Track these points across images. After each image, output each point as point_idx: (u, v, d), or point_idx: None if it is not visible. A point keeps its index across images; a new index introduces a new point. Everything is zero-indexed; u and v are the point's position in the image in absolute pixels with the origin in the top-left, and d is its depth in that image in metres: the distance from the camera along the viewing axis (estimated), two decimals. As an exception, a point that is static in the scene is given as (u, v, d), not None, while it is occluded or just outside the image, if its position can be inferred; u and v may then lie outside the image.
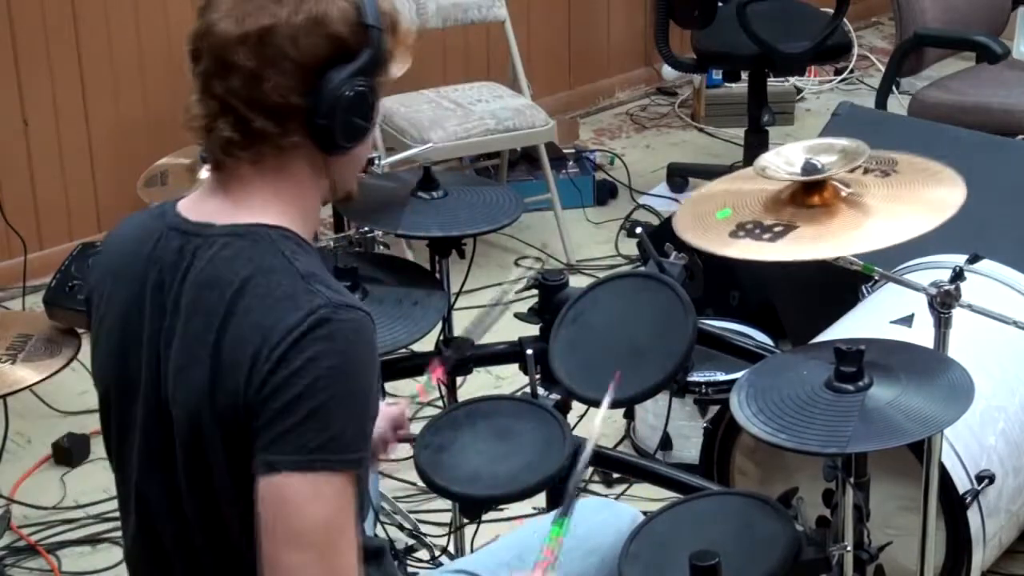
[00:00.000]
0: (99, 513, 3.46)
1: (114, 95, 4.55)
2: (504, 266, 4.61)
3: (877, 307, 3.18)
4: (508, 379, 3.72)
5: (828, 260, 2.41)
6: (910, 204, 2.40)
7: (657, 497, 2.90)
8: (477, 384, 3.67)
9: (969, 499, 2.82)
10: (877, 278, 2.92)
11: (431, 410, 3.70)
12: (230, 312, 1.77)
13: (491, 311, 2.50)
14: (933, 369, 2.31)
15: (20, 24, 4.36)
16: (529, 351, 2.70)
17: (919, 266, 3.13)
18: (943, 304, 2.41)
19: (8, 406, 3.58)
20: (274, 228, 1.82)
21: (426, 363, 2.62)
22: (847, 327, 3.13)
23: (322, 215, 3.55)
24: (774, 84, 5.17)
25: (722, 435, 3.05)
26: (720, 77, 5.53)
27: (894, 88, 4.53)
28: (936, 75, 4.75)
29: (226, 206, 1.84)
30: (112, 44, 4.51)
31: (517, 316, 2.81)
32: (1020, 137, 4.14)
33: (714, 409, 3.25)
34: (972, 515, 2.82)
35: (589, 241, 4.80)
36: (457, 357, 2.64)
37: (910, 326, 2.92)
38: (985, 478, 2.85)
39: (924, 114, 4.27)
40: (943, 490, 2.69)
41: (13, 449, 3.68)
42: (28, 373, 2.89)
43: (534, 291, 2.81)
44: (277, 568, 1.74)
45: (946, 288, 2.41)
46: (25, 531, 3.44)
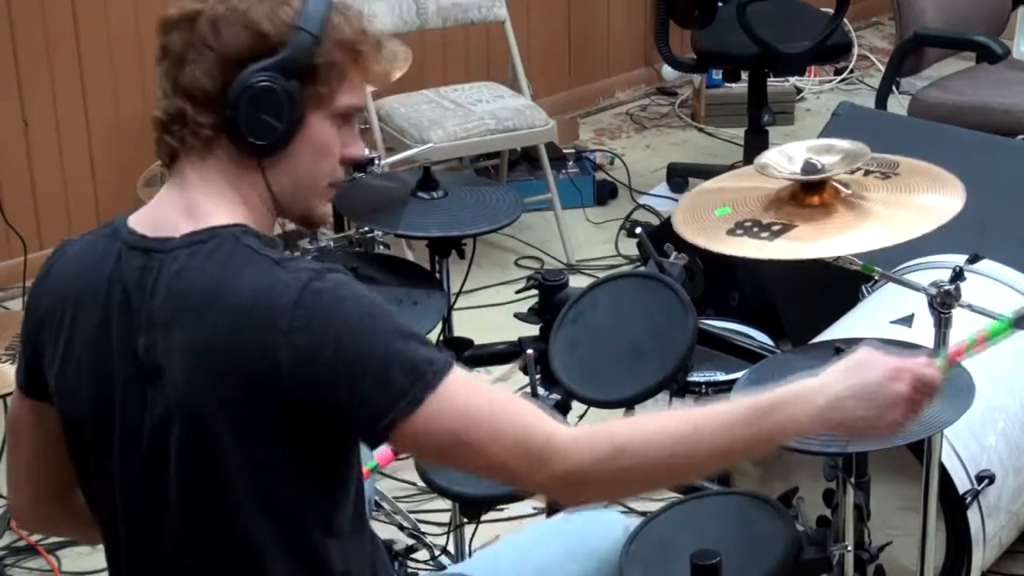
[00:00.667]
0: (99, 513, 3.46)
1: (114, 95, 4.55)
2: (504, 266, 4.61)
3: (877, 307, 3.18)
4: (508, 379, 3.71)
5: (828, 260, 2.41)
6: (908, 208, 2.40)
7: (657, 497, 2.90)
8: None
9: (969, 499, 2.81)
10: (877, 278, 2.92)
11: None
12: (220, 319, 1.75)
13: None
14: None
15: (20, 24, 4.36)
16: (529, 351, 2.70)
17: (919, 266, 3.13)
18: (943, 304, 2.41)
19: (8, 406, 3.57)
20: (233, 227, 1.81)
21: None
22: (847, 327, 3.13)
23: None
24: (774, 84, 5.17)
25: (722, 435, 3.05)
26: (720, 77, 5.53)
27: (894, 88, 4.53)
28: (936, 75, 4.75)
29: (179, 215, 1.83)
30: (112, 44, 4.51)
31: (517, 316, 2.81)
32: (1020, 137, 4.14)
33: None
34: (972, 515, 2.82)
35: (589, 241, 4.80)
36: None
37: (910, 326, 2.92)
38: (985, 478, 2.85)
39: (924, 114, 4.27)
40: (943, 490, 2.69)
41: (13, 449, 3.67)
42: (28, 373, 2.88)
43: (534, 291, 2.81)
44: (492, 471, 1.78)
45: (946, 288, 2.41)
46: (25, 531, 3.44)
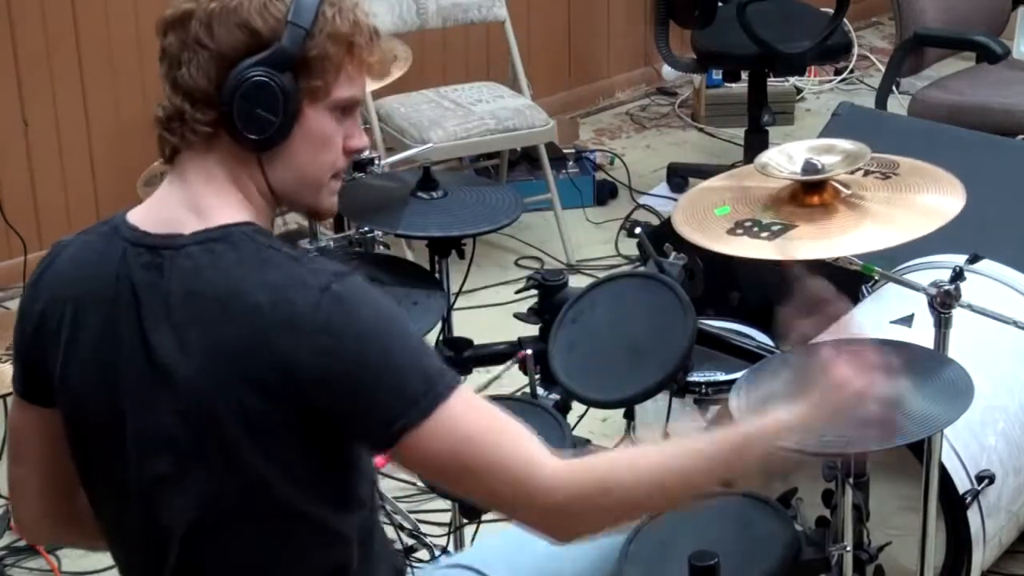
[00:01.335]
0: (99, 513, 3.46)
1: (114, 95, 4.55)
2: (504, 266, 4.61)
3: (877, 307, 3.18)
4: (508, 379, 3.71)
5: (828, 260, 2.41)
6: (908, 208, 2.40)
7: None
8: (477, 384, 3.67)
9: (969, 499, 2.81)
10: (877, 278, 2.92)
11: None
12: (238, 315, 1.75)
13: None
14: (933, 369, 2.31)
15: (20, 24, 4.36)
16: (529, 351, 2.70)
17: (919, 266, 3.13)
18: (943, 304, 2.41)
19: (8, 406, 3.57)
20: (243, 225, 1.82)
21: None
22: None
23: (322, 215, 3.55)
24: (774, 84, 5.17)
25: (722, 435, 3.05)
26: (720, 77, 5.53)
27: (894, 88, 4.53)
28: (936, 75, 4.75)
29: (184, 213, 1.83)
30: (112, 44, 4.51)
31: (517, 316, 2.81)
32: (1020, 137, 4.14)
33: (714, 409, 3.24)
34: (972, 515, 2.82)
35: (589, 241, 4.80)
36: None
37: (910, 326, 2.92)
38: (985, 478, 2.85)
39: (924, 114, 4.27)
40: (943, 490, 2.69)
41: (13, 449, 3.67)
42: (28, 373, 2.88)
43: (534, 291, 2.81)
44: (484, 498, 1.81)
45: (946, 288, 2.41)
46: (31, 542, 3.44)
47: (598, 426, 3.60)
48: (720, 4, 4.62)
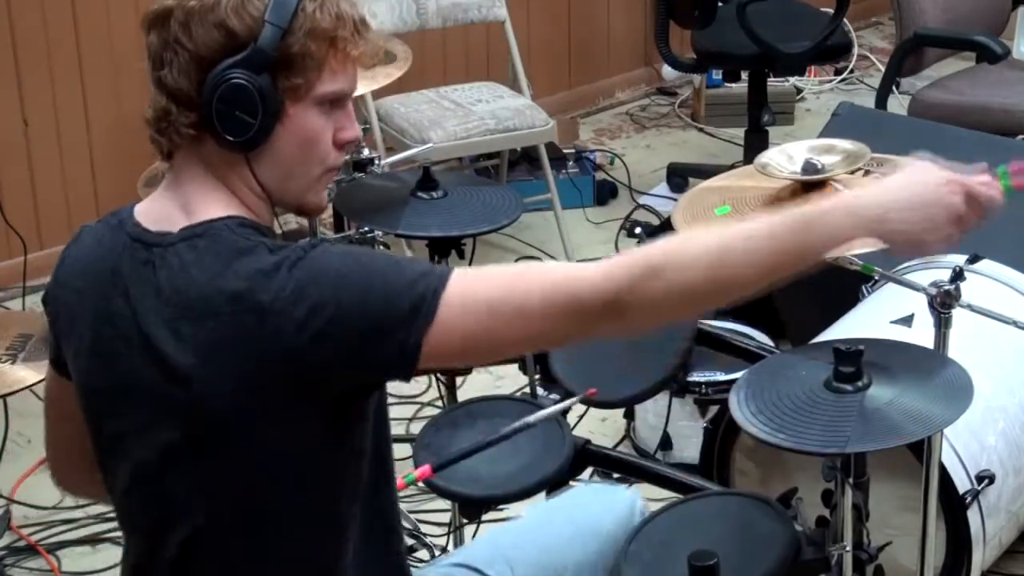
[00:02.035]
0: (99, 513, 3.46)
1: (114, 95, 4.55)
2: (504, 266, 4.61)
3: (877, 307, 3.18)
4: (508, 379, 3.72)
5: (828, 260, 2.40)
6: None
7: (657, 497, 2.89)
8: (477, 384, 3.67)
9: (969, 499, 2.81)
10: (877, 278, 2.92)
11: (431, 410, 3.71)
12: (222, 305, 1.76)
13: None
14: (933, 369, 2.31)
15: (20, 24, 4.36)
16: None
17: (919, 266, 3.13)
18: (943, 304, 2.41)
19: (8, 406, 3.58)
20: (227, 219, 1.82)
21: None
22: (847, 327, 3.13)
23: (322, 214, 3.56)
24: (774, 84, 5.17)
25: (722, 435, 3.05)
26: (720, 77, 5.53)
27: (894, 88, 4.53)
28: (936, 75, 4.75)
29: (176, 209, 1.85)
30: (112, 44, 4.51)
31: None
32: (1020, 137, 4.14)
33: (714, 409, 3.25)
34: (972, 515, 2.82)
35: (589, 241, 4.80)
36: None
37: (910, 326, 2.92)
38: (985, 478, 2.85)
39: (924, 114, 4.27)
40: (943, 490, 2.69)
41: (13, 449, 3.67)
42: (28, 373, 2.88)
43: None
44: (537, 344, 1.86)
45: (946, 288, 2.41)
46: (25, 531, 3.44)
47: (598, 426, 3.60)
48: (720, 4, 4.62)
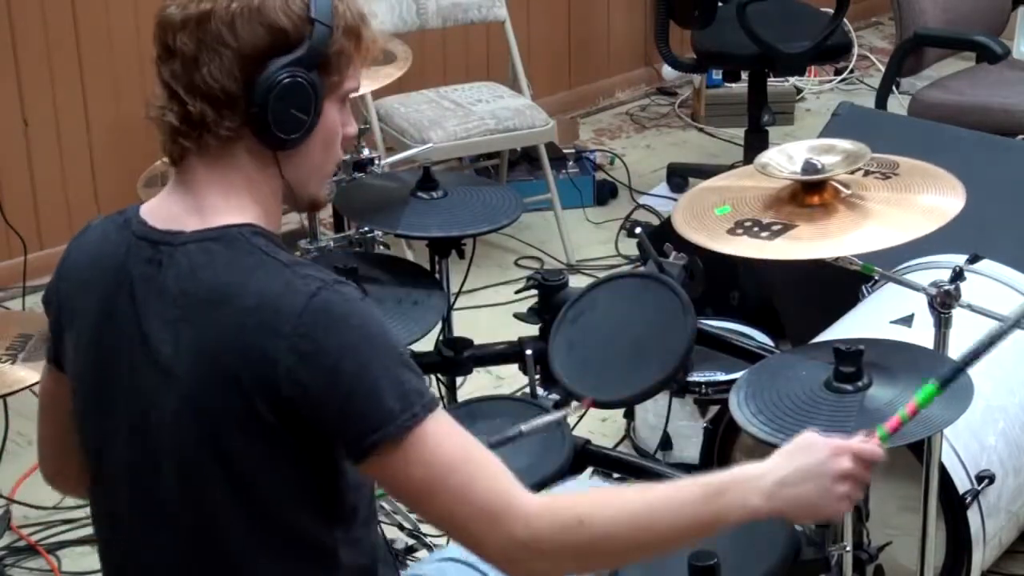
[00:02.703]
0: (99, 513, 3.46)
1: (114, 95, 4.55)
2: (504, 266, 4.61)
3: (877, 307, 3.18)
4: (508, 379, 3.72)
5: (828, 260, 2.41)
6: (908, 208, 2.40)
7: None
8: (477, 384, 3.67)
9: (969, 499, 2.81)
10: (877, 278, 2.92)
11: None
12: (226, 316, 1.75)
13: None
14: (933, 369, 2.31)
15: (20, 24, 4.36)
16: (529, 351, 2.70)
17: (919, 266, 3.13)
18: (943, 304, 2.41)
19: (8, 406, 3.58)
20: (243, 226, 1.81)
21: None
22: (847, 327, 3.13)
23: (322, 215, 3.56)
24: (774, 84, 5.17)
25: (722, 435, 3.05)
26: (720, 77, 5.53)
27: (894, 88, 4.53)
28: (936, 75, 4.75)
29: (189, 209, 1.84)
30: (112, 44, 4.51)
31: (517, 316, 2.81)
32: (1020, 137, 4.14)
33: (714, 409, 3.25)
34: (972, 515, 2.82)
35: (589, 241, 4.80)
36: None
37: (910, 326, 2.92)
38: (985, 478, 2.85)
39: (924, 114, 4.27)
40: (943, 490, 2.69)
41: (13, 449, 3.67)
42: (28, 373, 2.89)
43: (534, 291, 2.81)
44: (453, 525, 1.77)
45: (946, 288, 2.41)
46: (25, 531, 3.44)
47: (598, 426, 3.61)
48: (720, 4, 4.62)
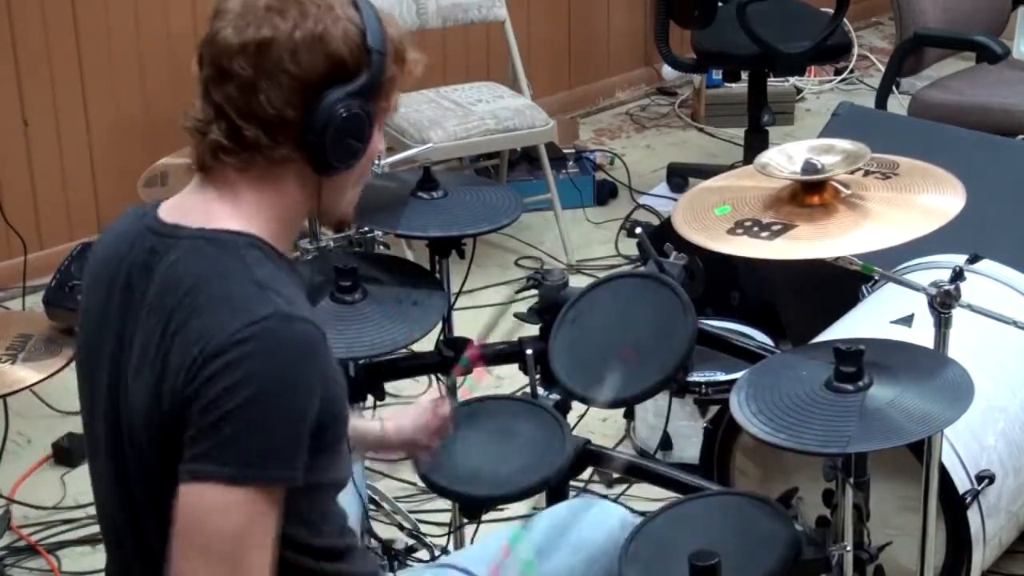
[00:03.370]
0: (99, 513, 3.46)
1: (114, 95, 4.55)
2: (504, 266, 4.62)
3: (877, 307, 3.18)
4: (508, 379, 3.71)
5: (828, 260, 2.41)
6: (908, 208, 2.40)
7: (657, 497, 2.90)
8: (477, 384, 3.66)
9: (969, 499, 2.81)
10: (877, 278, 2.92)
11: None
12: (180, 313, 1.76)
13: None
14: (933, 369, 2.31)
15: (20, 24, 4.36)
16: (529, 351, 2.70)
17: (919, 266, 3.13)
18: (943, 304, 2.41)
19: (8, 406, 3.58)
20: (244, 235, 1.81)
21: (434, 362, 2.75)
22: (847, 327, 3.13)
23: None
24: (774, 84, 5.17)
25: (722, 435, 3.05)
26: (720, 77, 5.53)
27: (894, 88, 4.53)
28: (936, 75, 4.75)
29: (202, 209, 1.84)
30: (112, 44, 4.51)
31: (517, 316, 2.81)
32: (1020, 137, 4.14)
33: (714, 409, 3.25)
34: (972, 515, 2.82)
35: (589, 241, 4.80)
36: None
37: (910, 326, 2.92)
38: (985, 478, 2.85)
39: (924, 114, 4.27)
40: (943, 490, 2.69)
41: (13, 449, 3.68)
42: (28, 373, 2.89)
43: (534, 291, 2.81)
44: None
45: (946, 288, 2.40)
46: (25, 531, 3.44)
47: (598, 426, 3.61)
48: (720, 4, 4.62)
